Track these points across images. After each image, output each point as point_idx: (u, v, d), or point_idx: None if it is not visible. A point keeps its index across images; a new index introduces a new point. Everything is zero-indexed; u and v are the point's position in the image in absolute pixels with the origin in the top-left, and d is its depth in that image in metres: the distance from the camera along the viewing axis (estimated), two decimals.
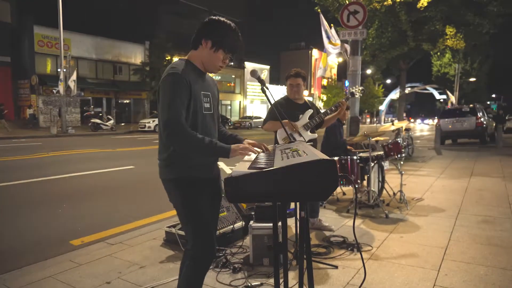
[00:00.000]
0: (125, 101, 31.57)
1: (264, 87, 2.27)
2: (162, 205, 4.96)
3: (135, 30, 30.05)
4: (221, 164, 8.74)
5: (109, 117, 23.62)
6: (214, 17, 1.89)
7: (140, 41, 30.73)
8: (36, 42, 24.59)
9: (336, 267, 2.86)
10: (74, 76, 18.89)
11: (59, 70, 19.37)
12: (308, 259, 1.93)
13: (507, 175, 6.99)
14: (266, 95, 2.24)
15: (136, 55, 30.89)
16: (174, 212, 4.78)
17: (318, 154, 1.43)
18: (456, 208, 4.62)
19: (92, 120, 22.15)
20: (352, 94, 3.78)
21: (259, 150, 1.95)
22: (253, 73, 2.24)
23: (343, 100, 3.62)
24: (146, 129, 23.59)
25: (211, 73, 2.00)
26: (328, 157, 1.32)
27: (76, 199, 5.56)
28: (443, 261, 2.95)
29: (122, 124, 28.95)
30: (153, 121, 24.35)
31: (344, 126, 6.69)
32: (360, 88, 3.85)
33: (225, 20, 1.87)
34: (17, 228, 4.24)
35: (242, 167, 1.46)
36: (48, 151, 11.67)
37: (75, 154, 11.16)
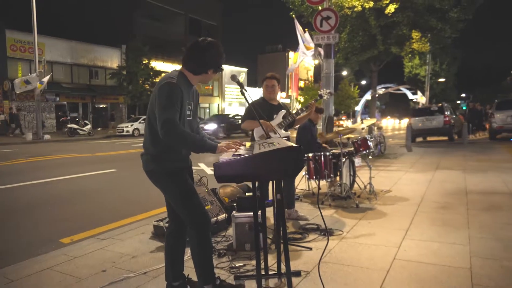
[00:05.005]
0: (101, 106, 31.13)
1: (243, 90, 2.60)
2: (146, 204, 5.17)
3: (111, 34, 29.74)
4: (201, 165, 9.03)
5: (86, 122, 23.32)
6: (212, 48, 2.23)
7: (116, 45, 30.41)
8: (8, 46, 23.97)
9: (310, 248, 3.22)
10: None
11: (32, 75, 18.97)
12: (284, 238, 2.26)
13: (468, 168, 7.59)
14: (245, 97, 2.57)
15: (112, 59, 30.54)
16: (159, 210, 5.06)
17: (288, 144, 1.77)
18: (419, 198, 5.08)
19: (69, 126, 21.82)
20: (320, 96, 4.17)
21: (238, 147, 2.29)
22: (233, 78, 2.57)
23: (312, 101, 4.02)
24: (124, 133, 23.37)
25: (203, 84, 2.46)
26: (295, 145, 1.66)
27: (59, 202, 5.65)
28: (403, 240, 3.36)
29: (99, 129, 28.56)
30: (131, 125, 24.15)
31: (319, 127, 7.10)
32: (328, 91, 4.27)
33: (217, 43, 2.26)
34: (4, 231, 4.32)
35: (227, 155, 1.78)
36: (26, 157, 11.56)
37: (54, 160, 11.11)
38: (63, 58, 27.22)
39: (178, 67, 2.46)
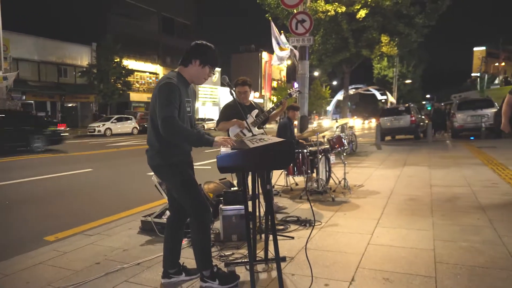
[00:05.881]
0: (71, 105, 30.21)
1: (232, 91, 2.82)
2: (127, 202, 5.26)
3: (80, 31, 28.94)
4: None
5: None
6: (198, 42, 2.47)
7: (86, 43, 29.63)
8: None
9: (293, 237, 3.48)
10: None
11: None
12: (272, 225, 2.49)
13: (432, 164, 8.16)
14: (233, 97, 2.80)
15: (82, 57, 29.72)
16: (142, 207, 5.18)
17: (279, 139, 2.01)
18: (389, 191, 5.48)
19: None
20: (290, 94, 4.44)
21: (233, 142, 2.51)
22: (224, 79, 2.78)
23: (283, 99, 4.29)
24: (95, 133, 22.87)
25: (197, 84, 2.60)
26: (287, 140, 1.90)
27: (38, 202, 5.60)
28: (376, 228, 3.69)
29: (68, 128, 27.67)
30: (103, 125, 23.64)
31: (295, 123, 7.41)
32: (297, 89, 4.55)
33: (207, 43, 2.47)
34: None
35: (226, 149, 2.00)
36: None
37: (26, 160, 10.82)
38: (29, 55, 26.24)
39: (151, 65, 2.67)
